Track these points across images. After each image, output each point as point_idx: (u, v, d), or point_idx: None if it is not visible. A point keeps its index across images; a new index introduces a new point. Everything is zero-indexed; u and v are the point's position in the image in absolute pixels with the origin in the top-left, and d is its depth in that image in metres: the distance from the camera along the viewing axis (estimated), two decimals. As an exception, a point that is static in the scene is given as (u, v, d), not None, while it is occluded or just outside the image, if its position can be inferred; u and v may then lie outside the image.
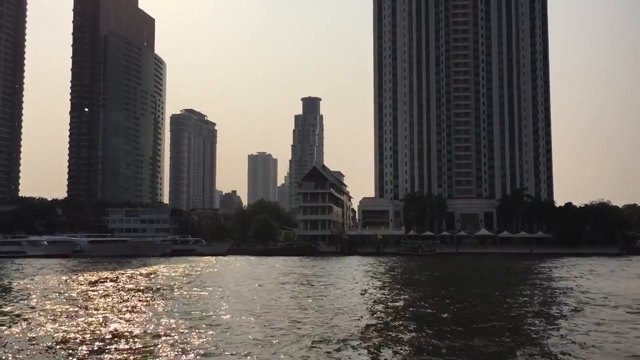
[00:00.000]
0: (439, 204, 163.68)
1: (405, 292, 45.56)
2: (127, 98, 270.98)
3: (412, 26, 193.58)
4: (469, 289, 49.69)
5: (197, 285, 51.59)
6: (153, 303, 37.44)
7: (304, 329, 27.10)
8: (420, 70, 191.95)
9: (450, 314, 32.32)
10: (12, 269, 77.46)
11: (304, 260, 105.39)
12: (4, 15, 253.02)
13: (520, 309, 34.26)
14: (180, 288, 49.08)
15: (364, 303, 38.06)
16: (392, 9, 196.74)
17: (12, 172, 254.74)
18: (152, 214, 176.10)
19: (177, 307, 35.87)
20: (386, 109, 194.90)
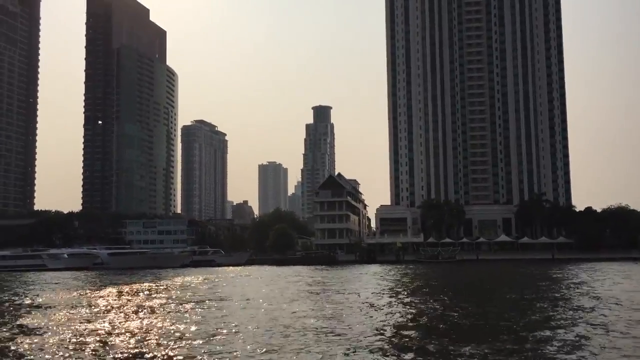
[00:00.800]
0: (457, 211, 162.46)
1: (439, 301, 44.65)
2: (139, 110, 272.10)
3: (425, 32, 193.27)
4: (501, 296, 48.70)
5: (237, 299, 50.82)
6: (199, 321, 36.75)
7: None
8: (435, 77, 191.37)
9: (491, 324, 31.42)
10: (35, 283, 77.19)
11: (328, 270, 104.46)
12: (18, 30, 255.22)
13: (567, 319, 33.24)
14: (217, 300, 48.36)
15: (406, 315, 37.21)
16: (404, 16, 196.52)
17: (27, 186, 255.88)
18: (169, 225, 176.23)
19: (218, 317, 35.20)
20: (400, 116, 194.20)
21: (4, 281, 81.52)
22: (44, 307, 43.53)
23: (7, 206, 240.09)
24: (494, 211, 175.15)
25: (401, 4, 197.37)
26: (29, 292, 59.75)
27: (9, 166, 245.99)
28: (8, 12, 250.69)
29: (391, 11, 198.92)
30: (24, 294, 57.35)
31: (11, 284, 75.68)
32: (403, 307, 40.21)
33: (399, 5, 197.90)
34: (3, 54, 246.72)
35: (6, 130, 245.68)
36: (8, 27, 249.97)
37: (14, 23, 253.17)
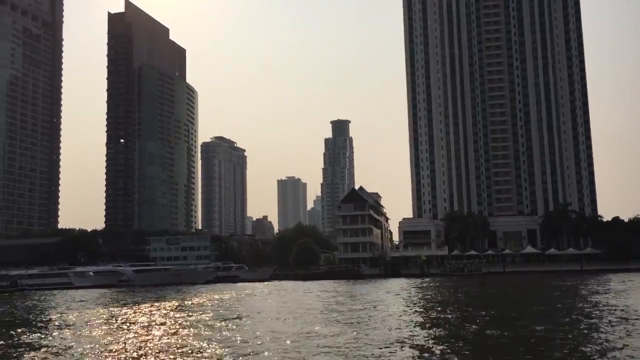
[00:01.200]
0: (482, 222, 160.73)
1: (476, 316, 43.80)
2: (161, 128, 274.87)
3: (445, 43, 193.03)
4: (543, 311, 47.67)
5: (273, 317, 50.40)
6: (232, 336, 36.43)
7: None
8: (455, 89, 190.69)
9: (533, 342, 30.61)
10: (62, 301, 77.52)
11: (354, 285, 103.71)
12: (41, 52, 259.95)
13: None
14: (251, 318, 48.00)
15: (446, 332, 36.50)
16: (422, 28, 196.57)
17: (51, 205, 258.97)
18: (192, 241, 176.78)
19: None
20: (421, 128, 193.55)
21: (32, 300, 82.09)
22: (71, 326, 43.56)
23: (32, 225, 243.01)
24: (519, 222, 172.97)
25: (419, 24, 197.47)
26: (55, 311, 60.00)
27: (34, 185, 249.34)
28: (32, 35, 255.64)
29: (410, 30, 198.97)
30: (50, 313, 57.59)
31: (38, 302, 76.14)
32: (444, 327, 39.51)
33: (417, 26, 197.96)
34: (27, 76, 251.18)
35: (31, 150, 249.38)
36: (32, 49, 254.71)
37: (37, 45, 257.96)
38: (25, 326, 44.82)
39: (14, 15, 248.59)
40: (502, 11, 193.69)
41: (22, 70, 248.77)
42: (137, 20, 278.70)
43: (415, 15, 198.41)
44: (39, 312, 58.89)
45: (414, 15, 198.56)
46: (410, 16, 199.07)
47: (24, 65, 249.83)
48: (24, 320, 49.58)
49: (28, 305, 70.02)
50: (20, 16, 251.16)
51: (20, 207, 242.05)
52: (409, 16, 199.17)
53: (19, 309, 64.15)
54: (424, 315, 44.35)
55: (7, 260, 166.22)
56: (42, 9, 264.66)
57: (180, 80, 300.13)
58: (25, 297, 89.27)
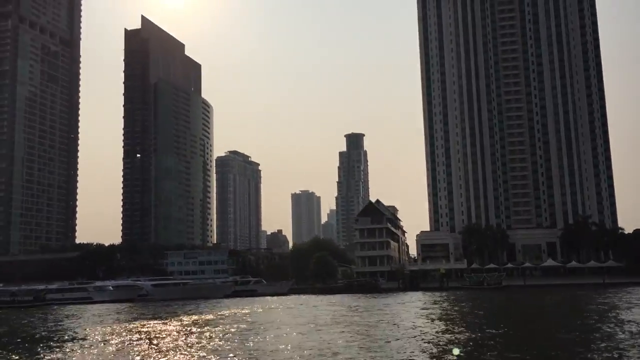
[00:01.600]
0: (501, 235, 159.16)
1: (509, 332, 43.05)
2: (177, 142, 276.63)
3: (461, 55, 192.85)
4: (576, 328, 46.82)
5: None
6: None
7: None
8: (472, 100, 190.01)
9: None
10: (82, 316, 77.49)
11: (375, 299, 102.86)
12: (59, 69, 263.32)
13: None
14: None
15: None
16: (438, 40, 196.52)
17: (68, 220, 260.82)
18: (210, 255, 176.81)
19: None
20: (437, 141, 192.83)
21: (51, 314, 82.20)
22: (90, 342, 43.37)
23: (50, 240, 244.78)
24: (538, 235, 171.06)
25: (435, 37, 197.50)
26: (78, 326, 59.91)
27: (52, 200, 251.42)
28: (50, 52, 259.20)
29: (425, 43, 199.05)
30: (70, 328, 57.49)
31: (57, 317, 76.20)
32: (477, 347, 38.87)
33: (432, 38, 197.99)
34: (45, 92, 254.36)
35: (49, 165, 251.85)
36: (50, 66, 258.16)
37: (55, 62, 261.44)
38: (44, 341, 44.70)
39: (33, 33, 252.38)
40: (518, 23, 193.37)
41: (40, 86, 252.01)
42: (153, 36, 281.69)
43: (430, 28, 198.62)
44: (60, 328, 58.85)
45: (430, 27, 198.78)
46: (426, 28, 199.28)
47: (42, 82, 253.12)
48: (43, 337, 49.46)
49: (49, 320, 70.06)
50: (39, 34, 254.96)
51: (39, 222, 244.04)
52: (425, 28, 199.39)
53: (38, 324, 64.09)
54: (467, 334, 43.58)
55: (26, 274, 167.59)
56: (60, 27, 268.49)
57: (196, 95, 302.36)
58: (47, 312, 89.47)
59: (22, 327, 60.98)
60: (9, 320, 71.45)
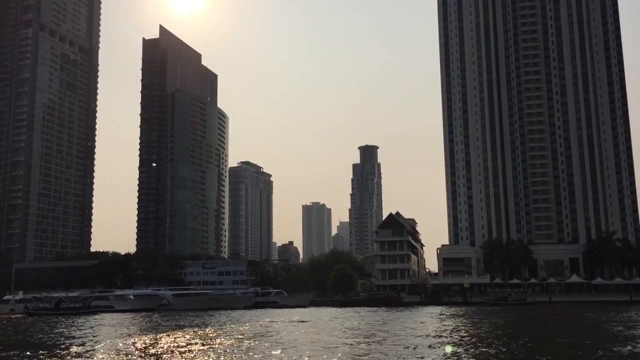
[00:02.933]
0: (524, 250, 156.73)
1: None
2: (193, 152, 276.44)
3: (482, 68, 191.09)
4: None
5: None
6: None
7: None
8: (493, 113, 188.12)
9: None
10: (109, 325, 76.19)
11: (400, 312, 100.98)
12: (78, 77, 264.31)
13: None
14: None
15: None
16: (459, 53, 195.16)
17: (84, 228, 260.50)
18: (229, 266, 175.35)
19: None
20: (458, 154, 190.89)
21: (75, 323, 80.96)
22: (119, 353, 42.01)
23: (65, 247, 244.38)
24: (561, 251, 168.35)
25: (456, 42, 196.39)
26: (106, 337, 58.60)
27: (68, 208, 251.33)
28: (69, 60, 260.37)
29: (446, 49, 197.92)
30: (98, 339, 56.16)
31: (82, 326, 74.96)
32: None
33: (453, 44, 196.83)
34: (64, 100, 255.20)
35: (66, 173, 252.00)
36: (69, 74, 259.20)
37: (74, 70, 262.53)
38: (68, 349, 43.37)
39: (53, 41, 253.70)
40: (541, 36, 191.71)
41: (58, 94, 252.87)
42: (171, 46, 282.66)
43: (451, 41, 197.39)
44: (84, 337, 57.54)
45: (450, 40, 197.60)
46: (447, 41, 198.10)
47: (60, 90, 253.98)
48: (68, 346, 48.13)
49: (72, 328, 68.77)
50: (58, 42, 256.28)
51: (55, 229, 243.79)
52: (445, 41, 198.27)
53: (59, 333, 62.71)
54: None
55: (43, 282, 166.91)
56: (80, 35, 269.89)
57: (212, 104, 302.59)
58: (68, 320, 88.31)
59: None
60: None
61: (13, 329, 74.09)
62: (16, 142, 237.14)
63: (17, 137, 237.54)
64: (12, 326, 78.82)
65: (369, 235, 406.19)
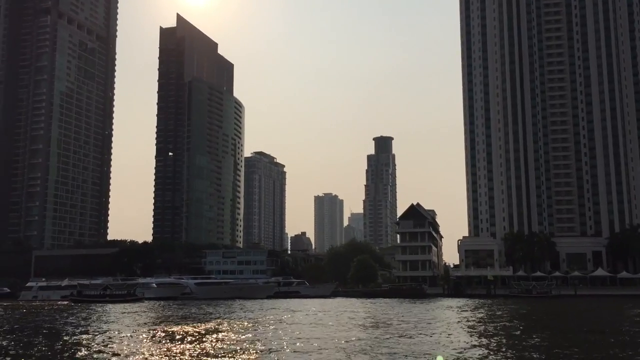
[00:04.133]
0: (548, 243, 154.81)
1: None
2: (209, 141, 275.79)
3: (505, 57, 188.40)
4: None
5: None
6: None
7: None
8: (515, 104, 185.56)
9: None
10: (139, 314, 75.52)
11: (426, 304, 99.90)
12: (95, 65, 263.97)
13: None
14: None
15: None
16: (481, 43, 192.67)
17: (101, 216, 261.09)
18: (249, 255, 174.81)
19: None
20: (479, 145, 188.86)
21: (95, 313, 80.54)
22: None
23: (82, 235, 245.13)
24: (584, 244, 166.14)
25: (477, 23, 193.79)
26: (137, 327, 57.93)
27: (85, 197, 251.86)
28: (87, 49, 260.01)
29: (467, 37, 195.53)
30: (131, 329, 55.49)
31: (106, 314, 74.46)
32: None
33: (475, 33, 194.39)
34: (82, 88, 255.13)
35: (83, 161, 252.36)
36: (87, 62, 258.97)
37: (92, 59, 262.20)
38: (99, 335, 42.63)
39: (71, 29, 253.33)
40: (565, 25, 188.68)
41: (76, 83, 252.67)
42: (188, 35, 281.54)
43: (473, 30, 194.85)
44: (110, 326, 56.95)
45: (473, 30, 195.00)
46: (469, 30, 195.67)
47: (78, 78, 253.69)
48: (92, 337, 47.45)
49: (100, 316, 68.23)
50: (76, 30, 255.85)
51: (72, 217, 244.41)
52: (467, 30, 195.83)
53: (84, 323, 62.02)
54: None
55: (63, 270, 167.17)
56: (97, 23, 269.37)
57: (228, 94, 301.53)
58: (92, 308, 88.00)
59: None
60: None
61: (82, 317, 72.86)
62: (35, 130, 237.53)
63: (35, 125, 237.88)
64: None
65: (383, 226, 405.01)
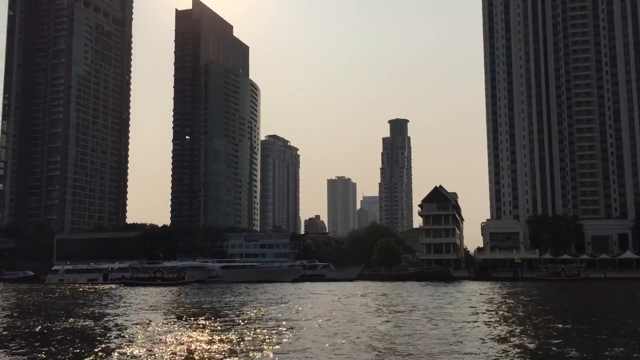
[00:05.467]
0: (575, 226, 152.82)
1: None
2: (226, 124, 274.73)
3: (529, 37, 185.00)
4: None
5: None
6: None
7: None
8: (540, 84, 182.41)
9: None
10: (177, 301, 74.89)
11: (456, 287, 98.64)
12: (112, 49, 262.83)
13: None
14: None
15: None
16: (504, 22, 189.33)
17: (119, 200, 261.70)
18: (271, 238, 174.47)
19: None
20: (501, 127, 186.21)
21: (118, 296, 79.98)
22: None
23: (102, 219, 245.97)
24: (609, 226, 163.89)
25: (500, 11, 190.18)
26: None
27: (104, 180, 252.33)
28: (104, 31, 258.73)
29: (489, 18, 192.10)
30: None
31: (139, 298, 73.82)
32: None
33: (497, 12, 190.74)
34: (99, 72, 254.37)
35: (101, 145, 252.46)
36: (103, 45, 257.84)
37: (108, 42, 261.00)
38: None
39: (87, 12, 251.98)
40: (590, 3, 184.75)
41: (93, 66, 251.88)
42: (204, 17, 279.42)
43: (496, 9, 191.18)
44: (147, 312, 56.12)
45: (495, 9, 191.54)
46: (491, 9, 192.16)
47: (95, 61, 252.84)
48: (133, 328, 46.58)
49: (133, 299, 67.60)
50: (93, 13, 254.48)
51: (92, 201, 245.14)
52: (489, 9, 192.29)
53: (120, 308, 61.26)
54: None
55: (85, 253, 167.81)
56: (113, 6, 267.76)
57: (244, 76, 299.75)
58: (124, 292, 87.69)
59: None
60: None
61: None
62: (54, 114, 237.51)
63: (54, 109, 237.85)
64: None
65: (399, 209, 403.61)
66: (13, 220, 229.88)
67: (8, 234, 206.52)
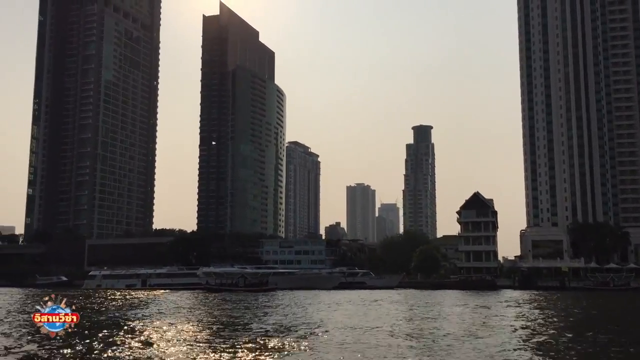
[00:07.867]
0: (621, 233, 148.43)
1: None
2: (252, 130, 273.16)
3: (568, 42, 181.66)
4: None
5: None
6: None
7: None
8: (579, 88, 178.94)
9: None
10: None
11: (498, 296, 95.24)
12: (140, 54, 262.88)
13: None
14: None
15: None
16: (541, 25, 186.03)
17: (147, 205, 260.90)
18: (307, 245, 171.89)
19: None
20: (539, 132, 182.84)
21: (171, 301, 77.89)
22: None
23: (129, 225, 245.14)
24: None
25: (537, 14, 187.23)
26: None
27: (132, 186, 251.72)
28: (132, 38, 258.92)
29: (525, 20, 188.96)
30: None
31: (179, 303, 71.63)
32: None
33: (534, 16, 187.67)
34: (128, 77, 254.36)
35: (130, 151, 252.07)
36: (132, 51, 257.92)
37: (137, 47, 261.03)
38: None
39: (117, 18, 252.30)
40: (630, 7, 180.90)
41: (122, 72, 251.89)
42: (231, 22, 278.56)
43: (532, 13, 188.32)
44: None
45: (532, 12, 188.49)
46: (527, 13, 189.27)
47: (123, 67, 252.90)
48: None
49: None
50: (122, 18, 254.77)
51: (120, 207, 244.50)
52: (526, 13, 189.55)
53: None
54: None
55: (115, 258, 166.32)
56: (142, 11, 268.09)
57: (270, 82, 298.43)
58: (163, 298, 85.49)
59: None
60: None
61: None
62: (83, 119, 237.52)
63: (83, 114, 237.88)
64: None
65: (423, 216, 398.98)
66: (42, 225, 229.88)
67: (38, 239, 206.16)
